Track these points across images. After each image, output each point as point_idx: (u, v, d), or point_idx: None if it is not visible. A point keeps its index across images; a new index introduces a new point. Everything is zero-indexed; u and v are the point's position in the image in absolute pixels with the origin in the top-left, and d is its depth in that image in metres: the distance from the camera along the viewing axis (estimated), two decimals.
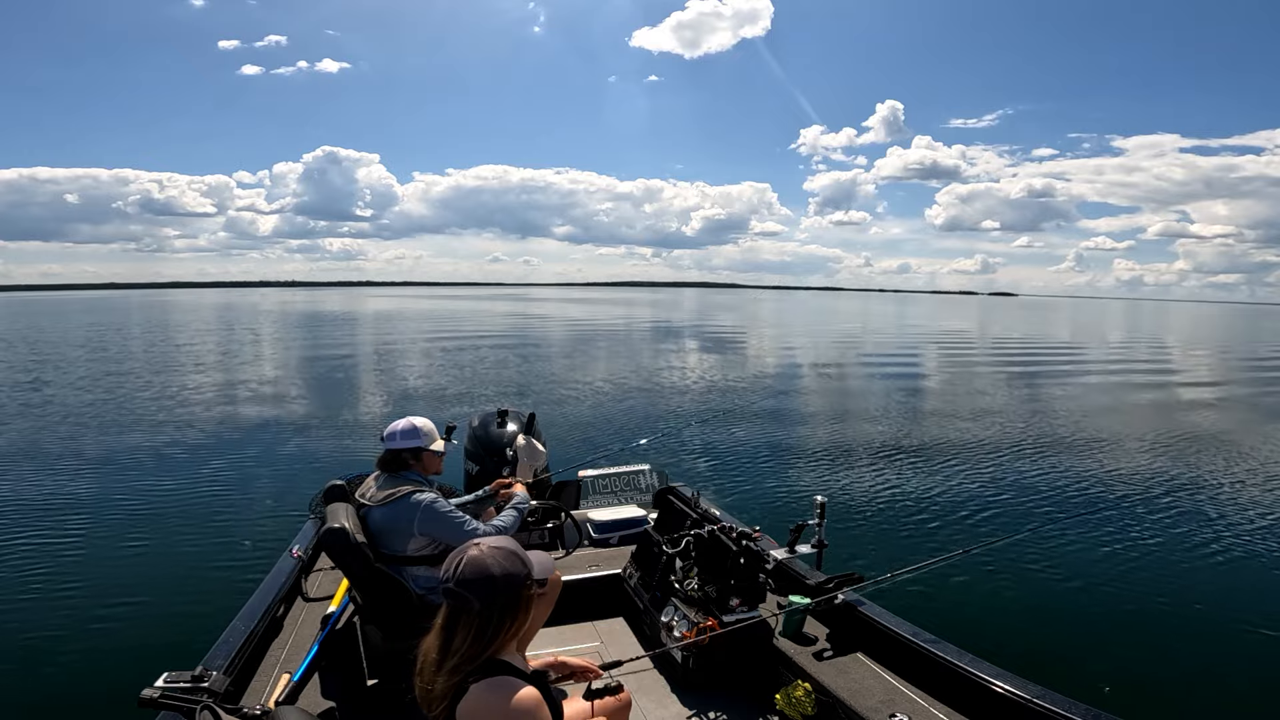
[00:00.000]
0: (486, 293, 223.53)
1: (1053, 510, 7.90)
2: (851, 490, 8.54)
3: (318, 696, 2.86)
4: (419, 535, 2.84)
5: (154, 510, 7.63)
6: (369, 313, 63.41)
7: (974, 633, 4.74)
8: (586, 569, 3.97)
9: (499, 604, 1.56)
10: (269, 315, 58.99)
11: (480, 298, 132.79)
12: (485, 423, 4.70)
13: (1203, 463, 10.30)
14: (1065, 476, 9.30)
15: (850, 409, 14.62)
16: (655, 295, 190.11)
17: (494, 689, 1.54)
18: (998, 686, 2.51)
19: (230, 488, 8.51)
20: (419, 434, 3.01)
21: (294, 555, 3.63)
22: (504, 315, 59.20)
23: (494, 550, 1.61)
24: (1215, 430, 13.04)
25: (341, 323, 48.56)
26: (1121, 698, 4.29)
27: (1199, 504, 8.22)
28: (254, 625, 2.94)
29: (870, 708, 2.62)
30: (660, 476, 5.03)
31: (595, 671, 2.09)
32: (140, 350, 27.46)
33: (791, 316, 67.97)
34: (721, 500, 5.76)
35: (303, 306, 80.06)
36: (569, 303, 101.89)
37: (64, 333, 38.70)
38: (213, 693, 2.21)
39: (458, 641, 1.56)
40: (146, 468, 9.44)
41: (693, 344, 32.81)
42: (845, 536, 6.78)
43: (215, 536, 6.81)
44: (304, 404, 14.76)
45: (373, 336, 35.61)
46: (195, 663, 2.43)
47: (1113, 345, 38.56)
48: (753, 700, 3.03)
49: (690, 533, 3.48)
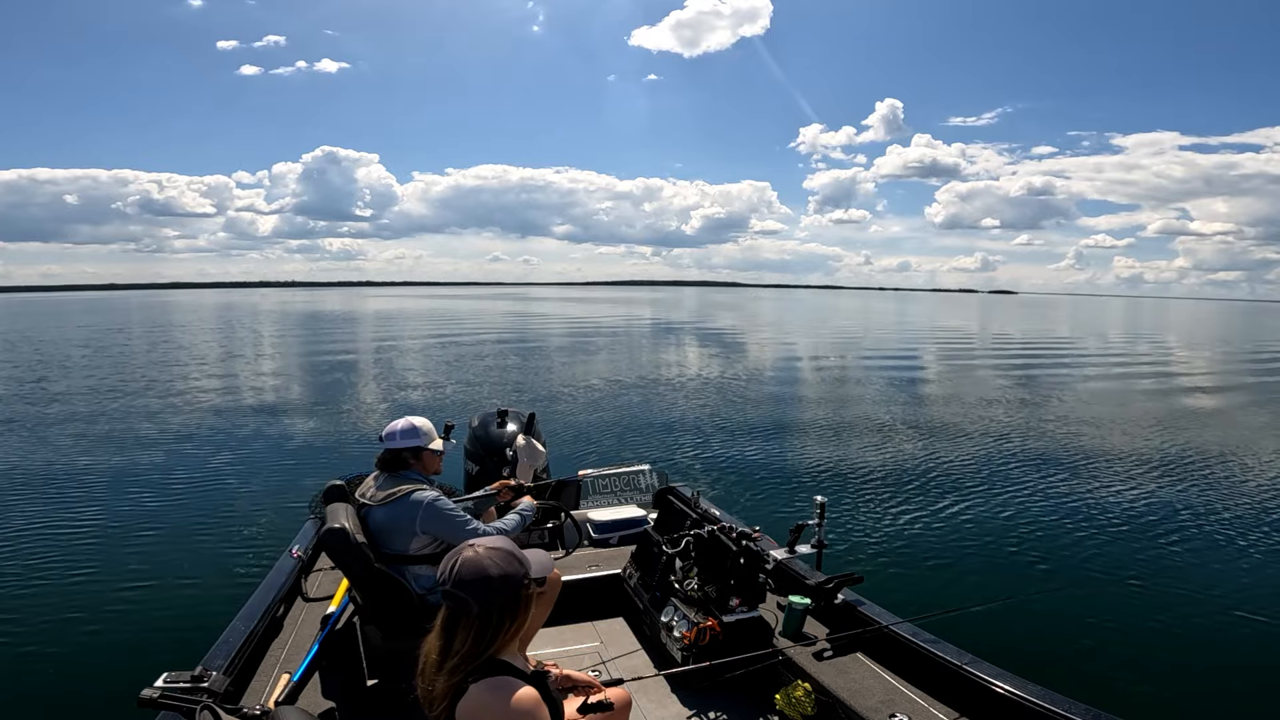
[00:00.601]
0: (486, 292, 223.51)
1: (1053, 510, 7.89)
2: (851, 490, 8.54)
3: (318, 696, 2.86)
4: (421, 534, 2.84)
5: (154, 510, 7.64)
6: (369, 313, 63.42)
7: (974, 633, 4.74)
8: (586, 569, 3.97)
9: (497, 605, 1.56)
10: (269, 315, 59.00)
11: (480, 297, 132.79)
12: (485, 423, 4.71)
13: (1202, 462, 10.29)
14: (1065, 476, 9.30)
15: (850, 409, 14.62)
16: (655, 294, 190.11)
17: (493, 689, 1.54)
18: (998, 686, 2.51)
19: (230, 488, 8.51)
20: (418, 433, 3.00)
21: (294, 555, 3.63)
22: (504, 315, 59.22)
23: (490, 551, 1.60)
24: (1214, 430, 13.03)
25: (341, 323, 48.56)
26: (1121, 698, 4.29)
27: (1199, 503, 8.22)
28: (254, 625, 2.94)
29: (870, 708, 2.62)
30: (660, 476, 5.03)
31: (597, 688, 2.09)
32: (140, 351, 27.47)
33: (791, 315, 67.99)
34: (721, 500, 5.76)
35: (302, 307, 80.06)
36: (569, 302, 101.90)
37: (64, 333, 38.74)
38: (213, 693, 2.21)
39: (457, 643, 1.56)
40: (146, 468, 9.44)
41: (693, 343, 32.81)
42: (845, 536, 6.78)
43: (215, 536, 6.82)
44: (304, 404, 14.76)
45: (372, 336, 35.61)
46: (195, 663, 2.43)
47: (1112, 343, 38.54)
48: (753, 700, 3.03)
49: (690, 533, 3.48)
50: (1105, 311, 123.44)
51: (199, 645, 2.74)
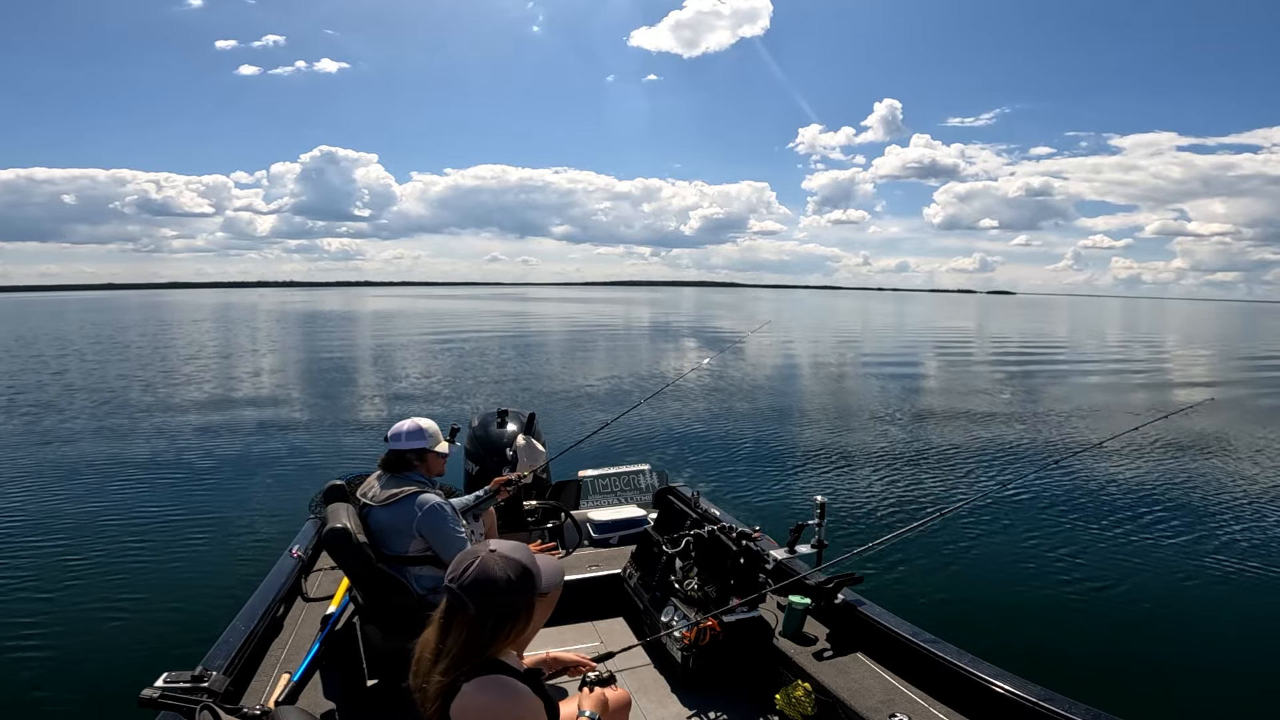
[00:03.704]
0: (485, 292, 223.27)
1: (1052, 510, 7.90)
2: (851, 490, 8.54)
3: (318, 696, 2.85)
4: (418, 536, 2.84)
5: (154, 510, 7.63)
6: (367, 313, 63.36)
7: (974, 633, 4.74)
8: (586, 569, 3.97)
9: (495, 611, 1.55)
10: (268, 315, 58.93)
11: (479, 297, 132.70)
12: (485, 423, 4.71)
13: (1202, 462, 10.31)
14: (1065, 476, 9.29)
15: (850, 408, 14.63)
16: (654, 294, 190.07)
17: (486, 688, 1.53)
18: (998, 686, 2.51)
19: (230, 488, 8.50)
20: (424, 435, 3.00)
21: (294, 555, 3.63)
22: (503, 315, 59.17)
23: (505, 561, 1.57)
24: (1214, 430, 13.03)
25: (340, 323, 48.51)
26: (1121, 698, 4.29)
27: (1199, 504, 8.23)
28: (254, 625, 2.94)
29: (870, 708, 2.62)
30: (660, 476, 5.03)
31: (589, 665, 2.09)
32: (139, 351, 27.42)
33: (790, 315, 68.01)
34: (721, 500, 5.76)
35: (301, 307, 79.97)
36: (568, 302, 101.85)
37: (63, 334, 38.66)
38: (213, 693, 2.21)
39: (450, 641, 1.55)
40: (146, 468, 9.43)
41: (692, 343, 32.80)
42: (845, 536, 6.78)
43: (215, 536, 6.81)
44: (303, 404, 14.75)
45: (371, 336, 35.58)
46: (195, 663, 2.43)
47: (1111, 343, 38.56)
48: (753, 700, 3.03)
49: (690, 533, 3.48)
50: (1104, 312, 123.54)
51: (199, 645, 2.74)
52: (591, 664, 2.10)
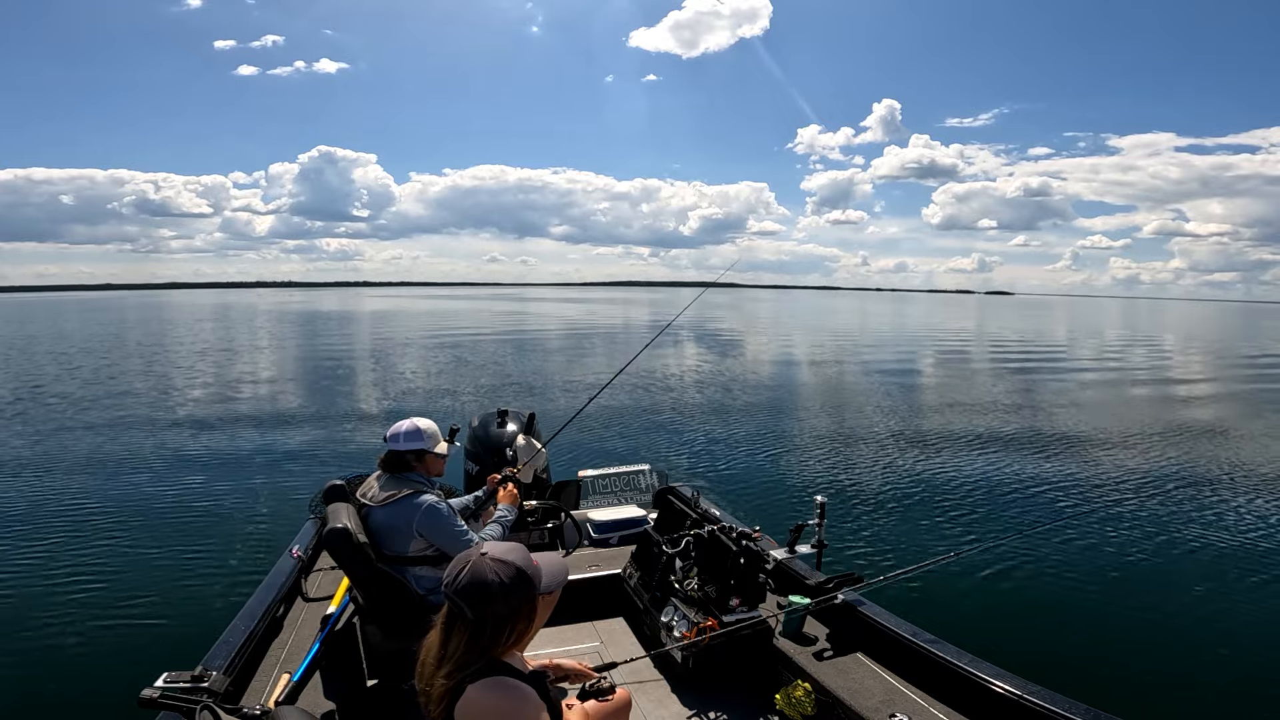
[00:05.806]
0: (484, 293, 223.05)
1: (1052, 510, 7.91)
2: (851, 490, 8.54)
3: (318, 696, 2.85)
4: (418, 536, 2.84)
5: (154, 510, 7.62)
6: (366, 313, 63.31)
7: (974, 633, 4.74)
8: (586, 569, 3.97)
9: (495, 614, 1.54)
10: (266, 316, 58.88)
11: (478, 298, 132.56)
12: (485, 423, 4.70)
13: (1201, 462, 10.32)
14: (1064, 476, 9.31)
15: (850, 409, 14.63)
16: (653, 295, 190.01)
17: (491, 690, 1.53)
18: (998, 686, 2.51)
19: (230, 488, 8.48)
20: (423, 436, 2.99)
21: (294, 555, 3.63)
22: (502, 315, 59.14)
23: (498, 564, 1.56)
24: (1212, 429, 13.07)
25: (339, 323, 48.48)
26: (1121, 698, 4.30)
27: (1198, 503, 8.24)
28: (254, 625, 2.94)
29: (870, 708, 2.62)
30: (660, 476, 5.03)
31: (589, 674, 2.09)
32: (138, 351, 27.41)
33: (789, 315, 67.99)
34: (721, 500, 5.77)
35: (300, 307, 79.89)
36: (567, 302, 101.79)
37: (61, 334, 38.62)
38: (213, 693, 2.20)
39: (452, 645, 1.55)
40: (146, 468, 9.42)
41: (691, 343, 32.80)
42: (845, 536, 6.78)
43: (215, 536, 6.80)
44: (303, 404, 14.74)
45: (370, 337, 35.57)
46: (195, 663, 2.42)
47: (1109, 343, 38.58)
48: (753, 700, 3.03)
49: (690, 533, 3.48)
50: (1102, 312, 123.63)
51: (199, 645, 2.74)
52: (592, 673, 2.10)
